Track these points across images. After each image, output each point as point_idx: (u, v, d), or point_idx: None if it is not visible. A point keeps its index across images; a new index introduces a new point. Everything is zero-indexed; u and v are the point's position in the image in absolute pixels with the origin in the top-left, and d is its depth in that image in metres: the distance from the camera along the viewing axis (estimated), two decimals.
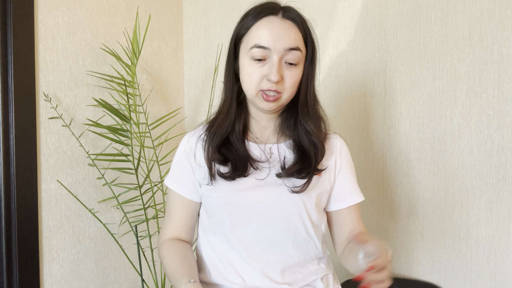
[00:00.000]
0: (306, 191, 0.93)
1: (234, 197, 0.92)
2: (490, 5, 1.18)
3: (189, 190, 0.99)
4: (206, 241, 0.98)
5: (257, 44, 0.87)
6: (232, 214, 0.92)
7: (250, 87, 0.89)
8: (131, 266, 1.61)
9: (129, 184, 1.50)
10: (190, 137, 1.00)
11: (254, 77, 0.88)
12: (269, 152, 0.95)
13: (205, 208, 0.98)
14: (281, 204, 0.92)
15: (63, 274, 1.42)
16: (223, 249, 0.94)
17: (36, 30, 1.34)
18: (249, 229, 0.92)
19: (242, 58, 0.91)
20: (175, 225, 1.01)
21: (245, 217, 0.92)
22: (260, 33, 0.87)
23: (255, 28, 0.88)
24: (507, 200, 1.18)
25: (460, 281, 1.26)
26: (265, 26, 0.87)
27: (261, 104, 0.90)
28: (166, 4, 1.78)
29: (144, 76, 1.68)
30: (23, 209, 1.30)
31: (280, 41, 0.86)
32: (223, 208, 0.92)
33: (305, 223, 0.94)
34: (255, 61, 0.88)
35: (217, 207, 0.93)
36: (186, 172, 0.98)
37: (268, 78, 0.87)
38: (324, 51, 1.48)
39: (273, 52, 0.86)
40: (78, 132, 1.45)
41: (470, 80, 1.22)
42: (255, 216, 0.92)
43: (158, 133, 1.63)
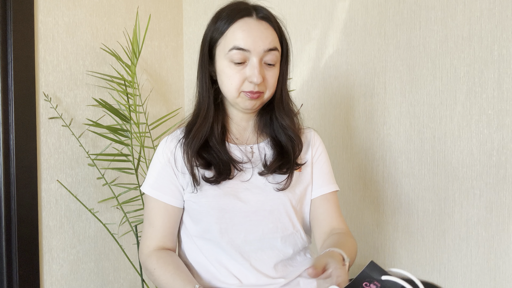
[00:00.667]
0: (291, 188, 0.94)
1: (222, 201, 0.91)
2: (490, 5, 1.18)
3: (172, 196, 0.95)
4: (193, 247, 0.97)
5: (236, 46, 0.86)
6: (221, 219, 0.91)
7: (230, 89, 0.89)
8: (131, 266, 1.61)
9: (129, 184, 1.50)
10: (169, 142, 0.97)
11: (234, 79, 0.88)
12: (250, 151, 0.96)
13: (190, 214, 0.96)
14: (269, 204, 0.93)
15: (63, 274, 1.42)
16: (213, 252, 0.94)
17: (36, 30, 1.34)
18: (238, 232, 0.92)
19: (219, 61, 0.90)
20: (159, 234, 0.96)
21: (235, 220, 0.91)
22: (237, 36, 0.87)
23: (232, 30, 0.88)
24: (507, 200, 1.18)
25: (460, 281, 1.26)
26: (242, 28, 0.87)
27: (244, 103, 0.90)
28: (166, 4, 1.78)
29: (144, 76, 1.68)
30: (23, 209, 1.30)
31: (259, 43, 0.87)
32: (212, 214, 0.91)
33: (292, 219, 0.95)
34: (235, 64, 0.88)
35: (205, 212, 0.92)
36: (168, 178, 0.95)
37: (251, 80, 0.87)
38: (324, 51, 1.48)
39: (253, 54, 0.87)
40: (78, 132, 1.45)
41: (470, 80, 1.22)
42: (244, 219, 0.92)
43: (158, 133, 1.63)
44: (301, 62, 1.53)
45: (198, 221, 0.94)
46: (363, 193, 1.42)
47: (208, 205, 0.91)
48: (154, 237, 0.96)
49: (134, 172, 1.46)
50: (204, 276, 0.95)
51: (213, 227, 0.92)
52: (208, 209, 0.91)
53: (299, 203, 0.97)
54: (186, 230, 0.98)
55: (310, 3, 1.50)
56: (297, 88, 1.54)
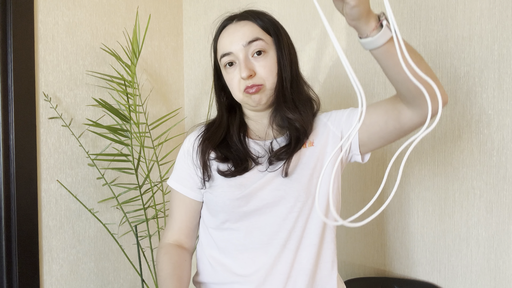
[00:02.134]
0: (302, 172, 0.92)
1: (238, 191, 0.93)
2: (490, 5, 1.18)
3: (191, 189, 1.00)
4: (209, 241, 0.99)
5: (222, 53, 0.94)
6: (237, 208, 0.93)
7: (234, 92, 0.95)
8: (131, 266, 1.61)
9: (129, 184, 1.50)
10: (191, 137, 1.03)
11: (233, 82, 0.94)
12: (269, 147, 0.96)
13: (207, 206, 1.00)
14: (280, 192, 0.92)
15: (63, 274, 1.42)
16: (230, 244, 0.95)
17: (36, 30, 1.34)
18: (255, 221, 0.93)
19: (222, 71, 0.97)
20: (177, 226, 1.01)
21: (251, 210, 0.93)
22: (221, 44, 0.94)
23: (219, 42, 0.96)
24: (507, 200, 1.18)
25: (460, 281, 1.26)
26: (223, 35, 0.95)
27: (249, 101, 0.93)
28: (166, 4, 1.77)
29: (144, 76, 1.68)
30: (23, 209, 1.30)
31: (237, 41, 0.91)
32: (227, 204, 0.93)
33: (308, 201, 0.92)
34: (229, 68, 0.94)
35: (221, 203, 0.94)
36: (188, 171, 1.00)
37: (241, 77, 0.91)
38: (324, 51, 1.48)
39: (236, 53, 0.91)
40: (78, 132, 1.45)
41: (470, 80, 1.22)
42: (260, 210, 0.93)
43: (158, 133, 1.63)
44: (301, 62, 1.53)
45: (215, 213, 0.97)
46: (363, 193, 1.42)
47: (225, 196, 0.93)
48: (171, 229, 1.02)
49: (134, 172, 1.46)
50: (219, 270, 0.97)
51: (230, 217, 0.94)
52: (224, 200, 0.93)
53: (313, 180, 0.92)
54: (203, 223, 1.02)
55: (310, 3, 1.50)
56: None
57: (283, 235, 0.92)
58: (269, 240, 0.92)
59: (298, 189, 0.92)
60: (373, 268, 1.42)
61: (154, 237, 1.63)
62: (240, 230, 0.94)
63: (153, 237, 1.61)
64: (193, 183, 1.00)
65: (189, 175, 1.00)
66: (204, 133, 1.01)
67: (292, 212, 0.92)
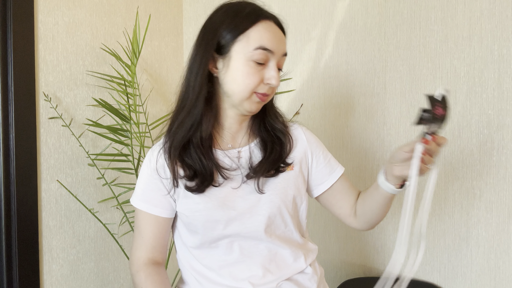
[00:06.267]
0: (283, 189, 0.93)
1: (217, 213, 0.90)
2: (490, 5, 1.18)
3: (162, 207, 0.94)
4: (189, 255, 0.97)
5: (262, 46, 0.84)
6: (216, 229, 0.91)
7: (244, 89, 0.86)
8: None
9: (129, 184, 1.50)
10: (153, 151, 0.95)
11: (252, 79, 0.85)
12: (237, 156, 0.94)
13: (186, 226, 0.95)
14: (262, 209, 0.92)
15: (63, 274, 1.42)
16: (212, 259, 0.94)
17: (36, 30, 1.34)
18: (234, 238, 0.92)
19: (237, 59, 0.85)
20: (150, 245, 0.95)
21: (230, 229, 0.91)
22: (264, 35, 0.85)
23: (257, 29, 0.85)
24: (507, 200, 1.18)
25: (460, 281, 1.26)
26: (268, 29, 0.86)
27: (251, 105, 0.89)
28: (166, 4, 1.77)
29: (144, 76, 1.68)
30: (23, 209, 1.30)
31: (280, 46, 0.87)
32: (207, 226, 0.90)
33: (285, 220, 0.95)
34: (256, 64, 0.85)
35: (201, 225, 0.91)
36: (156, 188, 0.93)
37: (268, 82, 0.86)
38: (324, 51, 1.48)
39: (274, 56, 0.86)
40: (78, 132, 1.45)
41: (470, 80, 1.22)
42: (240, 226, 0.91)
43: (158, 133, 1.63)
44: (301, 62, 1.53)
45: (195, 233, 0.93)
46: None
47: (203, 218, 0.90)
48: (144, 248, 0.95)
49: (134, 172, 1.46)
50: (204, 283, 0.95)
51: (209, 237, 0.92)
52: (203, 222, 0.90)
53: (293, 203, 0.96)
54: (181, 239, 0.98)
55: (310, 3, 1.50)
56: (297, 88, 1.54)
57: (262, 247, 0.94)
58: (250, 253, 0.93)
59: (271, 206, 0.92)
60: (373, 268, 1.42)
61: None
62: (219, 247, 0.93)
63: None
64: (164, 201, 0.93)
65: (158, 193, 0.93)
66: (165, 141, 0.91)
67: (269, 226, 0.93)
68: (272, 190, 0.93)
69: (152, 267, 0.95)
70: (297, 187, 0.97)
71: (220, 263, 0.93)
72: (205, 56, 0.87)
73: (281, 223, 0.94)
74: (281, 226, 0.95)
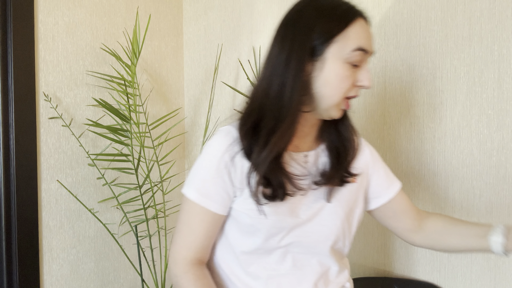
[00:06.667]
0: (346, 201, 0.89)
1: (284, 221, 0.83)
2: (490, 5, 1.18)
3: (222, 204, 0.84)
4: (233, 261, 0.89)
5: (362, 47, 0.78)
6: (276, 236, 0.84)
7: (338, 93, 0.79)
8: (131, 266, 1.61)
9: (129, 184, 1.50)
10: (229, 145, 0.82)
11: (347, 82, 0.78)
12: (304, 161, 0.88)
13: (239, 226, 0.86)
14: (325, 219, 0.87)
15: (63, 274, 1.42)
16: (258, 266, 0.87)
17: (36, 30, 1.34)
18: (292, 247, 0.86)
19: (332, 61, 0.77)
20: (200, 245, 0.85)
21: (290, 237, 0.85)
22: (362, 35, 0.78)
23: (354, 29, 0.78)
24: (507, 200, 1.18)
25: (460, 281, 1.26)
26: (364, 28, 0.79)
27: (338, 110, 0.82)
28: (166, 4, 1.78)
29: (144, 76, 1.68)
30: (23, 209, 1.30)
31: (372, 45, 0.82)
32: (272, 232, 0.83)
33: (345, 233, 0.91)
34: (351, 66, 0.78)
35: (263, 229, 0.83)
36: (221, 183, 0.83)
37: (362, 84, 0.80)
38: None
39: (367, 57, 0.80)
40: (78, 132, 1.45)
41: (470, 80, 1.22)
42: (301, 236, 0.86)
43: (158, 133, 1.63)
44: None
45: (252, 236, 0.85)
46: None
47: (269, 223, 0.82)
48: (193, 247, 0.85)
49: (134, 172, 1.46)
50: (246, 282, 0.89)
51: (269, 244, 0.85)
52: (268, 228, 0.83)
53: (351, 215, 0.92)
54: (227, 241, 0.89)
55: None
56: None
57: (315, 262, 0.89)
58: (302, 266, 0.88)
59: (335, 218, 0.88)
60: (373, 268, 1.42)
61: (154, 237, 1.63)
62: (272, 255, 0.86)
63: (153, 237, 1.61)
64: (226, 197, 0.84)
65: (222, 188, 0.83)
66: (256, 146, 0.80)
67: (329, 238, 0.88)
68: (337, 201, 0.88)
69: (200, 269, 0.86)
70: (359, 200, 0.93)
71: (270, 272, 0.86)
72: (301, 60, 0.78)
73: (341, 236, 0.90)
74: (340, 239, 0.90)
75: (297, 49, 0.78)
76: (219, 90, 1.74)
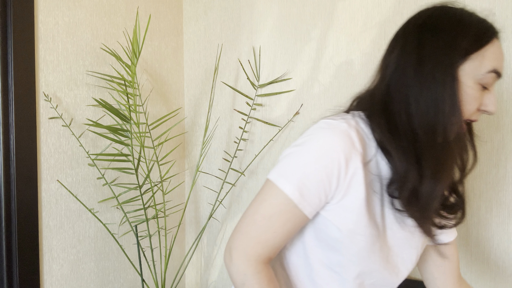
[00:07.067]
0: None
1: (378, 241, 0.76)
2: (490, 5, 1.18)
3: (316, 209, 0.75)
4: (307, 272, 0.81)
5: (496, 69, 0.73)
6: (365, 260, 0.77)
7: (461, 114, 0.72)
8: (131, 266, 1.61)
9: (129, 184, 1.50)
10: (347, 144, 0.72)
11: (474, 105, 0.73)
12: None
13: (322, 241, 0.78)
14: (416, 241, 0.81)
15: (63, 274, 1.42)
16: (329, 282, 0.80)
17: (36, 30, 1.34)
18: (373, 274, 0.80)
19: (464, 79, 0.72)
20: (278, 245, 0.76)
21: (376, 264, 0.78)
22: (498, 57, 0.74)
23: (492, 49, 0.73)
24: (507, 200, 1.18)
25: None
26: (500, 50, 0.75)
27: (451, 134, 0.74)
28: (166, 4, 1.78)
29: (144, 76, 1.68)
30: (23, 209, 1.30)
31: (503, 67, 0.77)
32: (361, 256, 0.75)
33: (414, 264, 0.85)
34: (481, 87, 0.73)
35: (354, 251, 0.75)
36: (326, 185, 0.73)
37: (487, 108, 0.75)
38: (324, 51, 1.48)
39: (497, 80, 0.76)
40: (78, 132, 1.45)
41: None
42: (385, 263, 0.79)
43: (158, 133, 1.63)
44: (301, 62, 1.53)
45: (333, 251, 0.77)
46: None
47: (362, 245, 0.74)
48: (270, 246, 0.75)
49: (134, 172, 1.46)
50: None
51: (351, 267, 0.77)
52: (358, 250, 0.75)
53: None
54: (303, 249, 0.81)
55: (310, 3, 1.50)
56: (297, 88, 1.54)
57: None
58: None
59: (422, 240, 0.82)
60: None
61: (154, 237, 1.63)
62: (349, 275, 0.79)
63: (153, 237, 1.61)
64: (323, 200, 0.74)
65: (324, 190, 0.73)
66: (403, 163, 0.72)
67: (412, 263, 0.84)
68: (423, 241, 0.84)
69: (270, 270, 0.78)
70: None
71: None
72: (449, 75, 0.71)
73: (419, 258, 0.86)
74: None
75: (443, 63, 0.72)
76: (219, 90, 1.74)
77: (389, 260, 0.79)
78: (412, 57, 0.74)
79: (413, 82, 0.73)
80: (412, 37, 0.76)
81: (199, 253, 1.84)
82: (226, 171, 1.66)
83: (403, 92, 0.74)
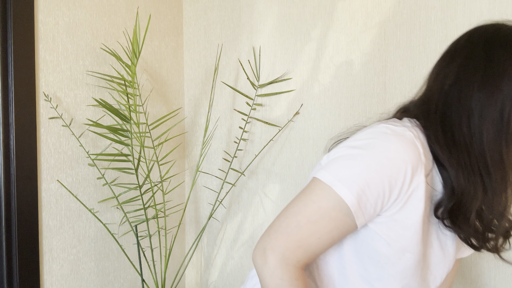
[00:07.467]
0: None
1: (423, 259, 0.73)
2: (490, 5, 1.18)
3: (367, 219, 0.70)
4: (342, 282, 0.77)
5: None
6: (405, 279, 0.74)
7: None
8: (131, 266, 1.61)
9: (129, 184, 1.50)
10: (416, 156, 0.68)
11: None
12: None
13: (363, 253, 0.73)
14: (445, 265, 0.79)
15: (63, 274, 1.42)
16: None
17: (36, 30, 1.34)
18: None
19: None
20: (318, 251, 0.70)
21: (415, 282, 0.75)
22: None
23: None
24: None
25: (460, 281, 1.26)
26: None
27: None
28: (166, 4, 1.78)
29: (144, 76, 1.68)
30: (23, 209, 1.30)
31: None
32: (404, 274, 0.72)
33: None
34: None
35: (400, 269, 0.72)
36: (385, 198, 0.68)
37: None
38: (324, 51, 1.48)
39: None
40: (78, 132, 1.45)
41: None
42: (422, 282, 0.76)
43: (158, 133, 1.63)
44: (301, 62, 1.54)
45: (376, 266, 0.73)
46: None
47: (409, 264, 0.71)
48: (311, 252, 0.70)
49: (134, 172, 1.46)
50: None
51: (392, 283, 0.73)
52: (403, 269, 0.71)
53: None
54: (339, 256, 0.77)
55: (310, 3, 1.50)
56: (297, 88, 1.54)
57: None
58: None
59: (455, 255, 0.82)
60: None
61: (154, 237, 1.63)
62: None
63: (153, 237, 1.61)
64: (378, 211, 0.69)
65: (382, 200, 0.68)
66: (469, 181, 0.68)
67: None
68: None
69: (305, 277, 0.73)
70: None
71: None
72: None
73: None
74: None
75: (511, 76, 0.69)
76: (219, 90, 1.74)
77: (425, 278, 0.76)
78: (478, 69, 0.71)
79: (479, 94, 0.70)
80: (479, 49, 0.73)
81: (199, 253, 1.84)
82: (226, 171, 1.66)
83: (465, 104, 0.70)
